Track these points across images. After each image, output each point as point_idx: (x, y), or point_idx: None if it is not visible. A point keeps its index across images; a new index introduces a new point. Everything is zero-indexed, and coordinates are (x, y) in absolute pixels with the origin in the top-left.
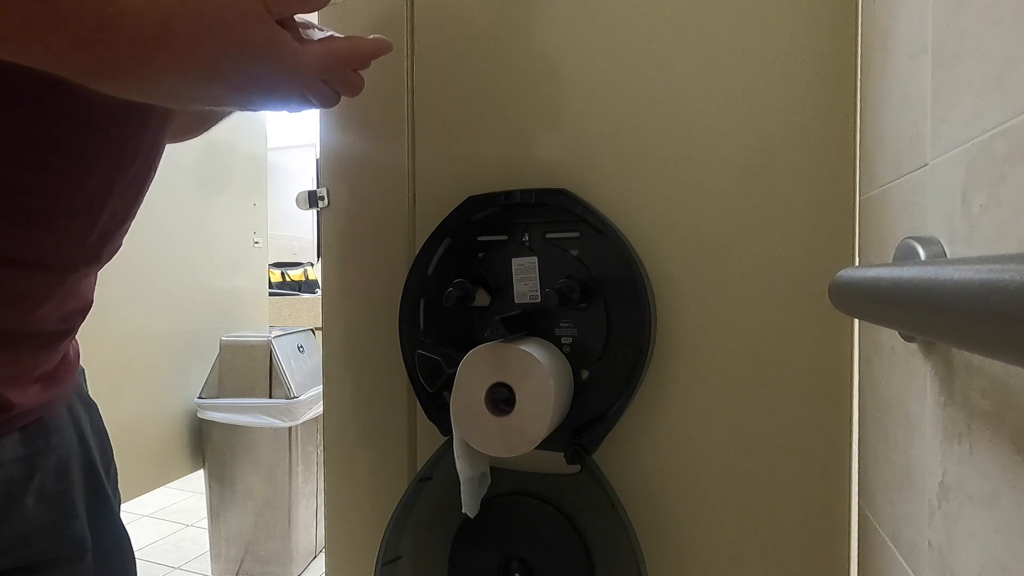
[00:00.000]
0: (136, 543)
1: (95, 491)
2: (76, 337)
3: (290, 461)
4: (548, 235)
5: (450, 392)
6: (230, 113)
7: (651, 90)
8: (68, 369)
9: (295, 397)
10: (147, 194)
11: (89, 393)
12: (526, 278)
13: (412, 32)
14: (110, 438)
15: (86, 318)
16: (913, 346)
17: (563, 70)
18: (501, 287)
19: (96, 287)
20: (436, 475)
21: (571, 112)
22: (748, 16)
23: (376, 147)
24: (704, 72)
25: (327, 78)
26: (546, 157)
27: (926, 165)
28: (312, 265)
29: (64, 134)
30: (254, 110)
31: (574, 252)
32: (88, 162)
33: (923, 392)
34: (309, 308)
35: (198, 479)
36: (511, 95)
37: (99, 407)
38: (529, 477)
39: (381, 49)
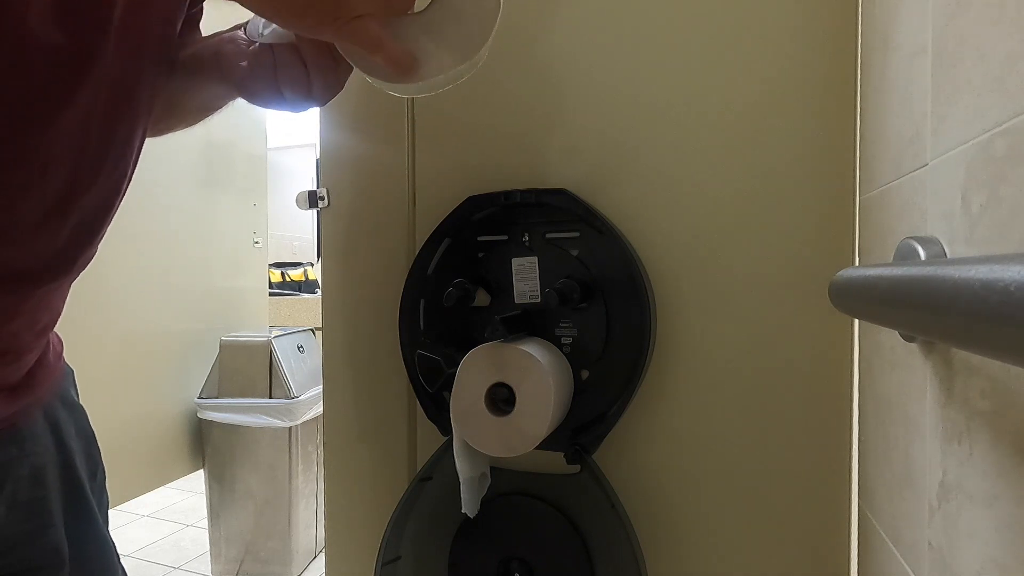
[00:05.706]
0: (136, 543)
1: (75, 498)
2: (59, 337)
3: (290, 461)
4: (548, 235)
5: (450, 392)
6: (230, 102)
7: (651, 90)
8: (45, 373)
9: (295, 397)
10: (147, 194)
11: (77, 395)
12: (526, 278)
13: None
14: (98, 440)
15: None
16: (913, 346)
17: (563, 70)
18: (501, 287)
19: (96, 287)
20: (436, 475)
21: (571, 112)
22: (748, 17)
23: (376, 147)
24: (704, 73)
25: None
26: (546, 157)
27: (926, 165)
28: (312, 265)
29: (17, 148)
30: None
31: (574, 252)
32: (46, 173)
33: (923, 392)
34: (309, 308)
35: (198, 479)
36: (511, 95)
37: (99, 407)
38: (529, 477)
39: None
